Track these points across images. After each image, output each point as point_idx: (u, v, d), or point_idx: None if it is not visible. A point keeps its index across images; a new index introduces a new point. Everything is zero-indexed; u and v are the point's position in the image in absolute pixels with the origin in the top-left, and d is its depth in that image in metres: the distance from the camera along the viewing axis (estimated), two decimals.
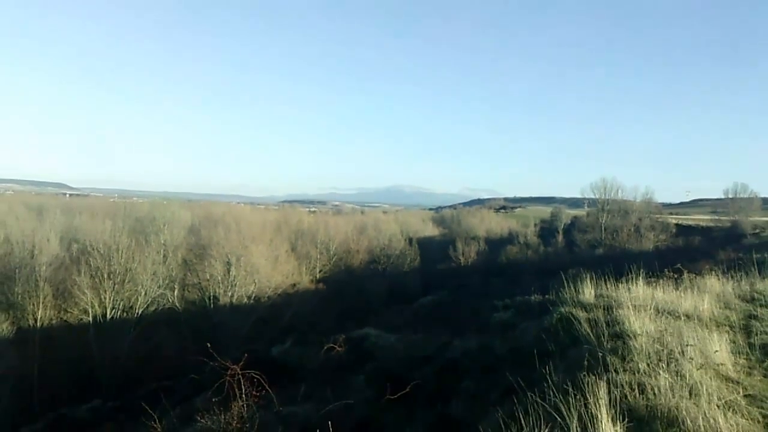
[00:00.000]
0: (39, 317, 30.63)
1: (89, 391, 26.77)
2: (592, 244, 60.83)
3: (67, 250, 37.09)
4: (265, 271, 39.55)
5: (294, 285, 43.55)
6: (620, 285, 9.36)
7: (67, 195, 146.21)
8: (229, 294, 37.16)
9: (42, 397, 27.54)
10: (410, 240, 62.97)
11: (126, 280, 33.18)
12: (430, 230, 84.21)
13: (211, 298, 37.47)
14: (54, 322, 31.82)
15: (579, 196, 74.20)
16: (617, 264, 12.84)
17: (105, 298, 32.06)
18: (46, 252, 33.42)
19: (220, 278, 37.37)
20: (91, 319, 31.72)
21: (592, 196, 66.60)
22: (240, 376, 6.43)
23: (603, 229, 61.74)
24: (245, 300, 37.74)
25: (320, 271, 51.60)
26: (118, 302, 32.62)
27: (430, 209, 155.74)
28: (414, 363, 12.55)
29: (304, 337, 24.54)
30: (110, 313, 32.23)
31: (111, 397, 25.55)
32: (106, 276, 32.36)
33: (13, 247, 33.71)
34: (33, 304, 30.71)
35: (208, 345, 7.14)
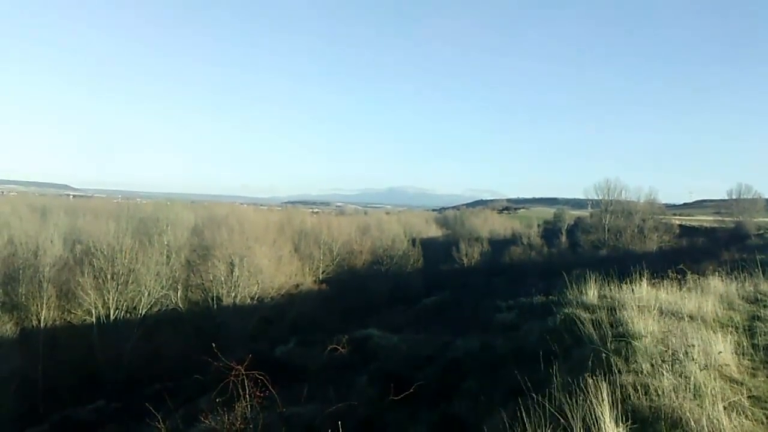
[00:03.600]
0: (43, 318, 30.68)
1: (93, 392, 26.77)
2: (596, 245, 60.75)
3: (70, 251, 37.19)
4: (269, 271, 39.60)
5: (297, 285, 43.61)
6: (624, 286, 9.33)
7: (71, 196, 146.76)
8: (233, 295, 37.19)
9: (46, 398, 27.57)
10: (413, 241, 62.89)
11: (129, 281, 33.28)
12: (433, 231, 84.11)
13: (215, 298, 37.52)
14: (58, 323, 31.86)
15: (582, 197, 73.92)
16: (621, 265, 12.81)
17: (108, 299, 32.15)
18: (49, 253, 33.48)
19: (223, 279, 37.42)
20: (94, 319, 31.82)
21: (596, 197, 66.40)
22: (244, 376, 6.43)
23: (606, 230, 61.65)
24: (248, 300, 37.77)
25: (323, 272, 51.62)
26: (121, 303, 32.71)
27: (433, 210, 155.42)
28: (417, 363, 12.58)
29: (307, 338, 24.63)
30: (113, 314, 32.33)
31: (115, 398, 25.60)
32: (109, 277, 32.46)
33: (17, 248, 33.79)
34: (37, 305, 30.78)
35: (213, 345, 7.15)
